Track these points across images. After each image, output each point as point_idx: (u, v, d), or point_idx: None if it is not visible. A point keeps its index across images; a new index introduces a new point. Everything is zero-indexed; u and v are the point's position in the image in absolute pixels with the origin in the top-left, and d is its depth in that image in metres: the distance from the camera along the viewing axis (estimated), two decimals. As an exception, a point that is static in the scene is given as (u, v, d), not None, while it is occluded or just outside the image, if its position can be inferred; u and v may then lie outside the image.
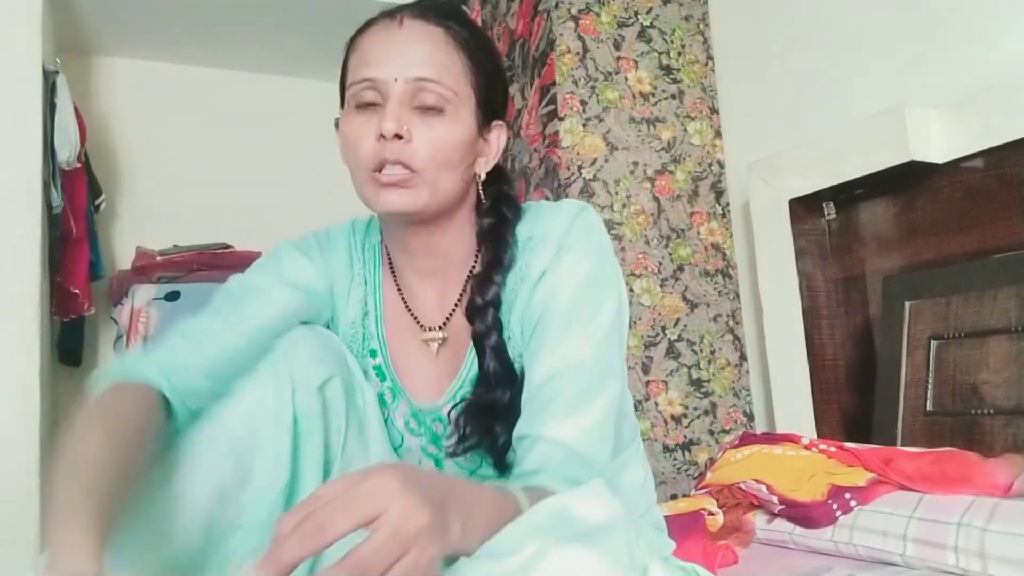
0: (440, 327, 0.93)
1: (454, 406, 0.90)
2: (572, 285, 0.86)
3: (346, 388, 0.90)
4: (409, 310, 0.94)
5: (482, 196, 0.91)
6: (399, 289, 0.95)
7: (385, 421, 0.95)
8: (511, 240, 0.89)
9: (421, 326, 0.93)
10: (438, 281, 0.93)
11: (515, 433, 0.83)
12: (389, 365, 0.94)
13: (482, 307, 0.87)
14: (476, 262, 0.93)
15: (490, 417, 0.86)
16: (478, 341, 0.87)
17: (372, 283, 0.97)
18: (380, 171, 0.84)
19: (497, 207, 0.91)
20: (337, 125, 0.90)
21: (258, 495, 0.78)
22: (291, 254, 0.96)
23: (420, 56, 0.84)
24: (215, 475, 0.76)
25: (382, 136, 0.82)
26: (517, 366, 0.88)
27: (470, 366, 0.90)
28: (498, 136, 0.92)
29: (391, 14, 0.87)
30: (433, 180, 0.84)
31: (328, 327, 0.96)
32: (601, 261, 0.89)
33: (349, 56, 0.90)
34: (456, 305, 0.92)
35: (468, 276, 0.93)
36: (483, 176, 0.91)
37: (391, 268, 0.96)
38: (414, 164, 0.83)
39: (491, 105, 0.90)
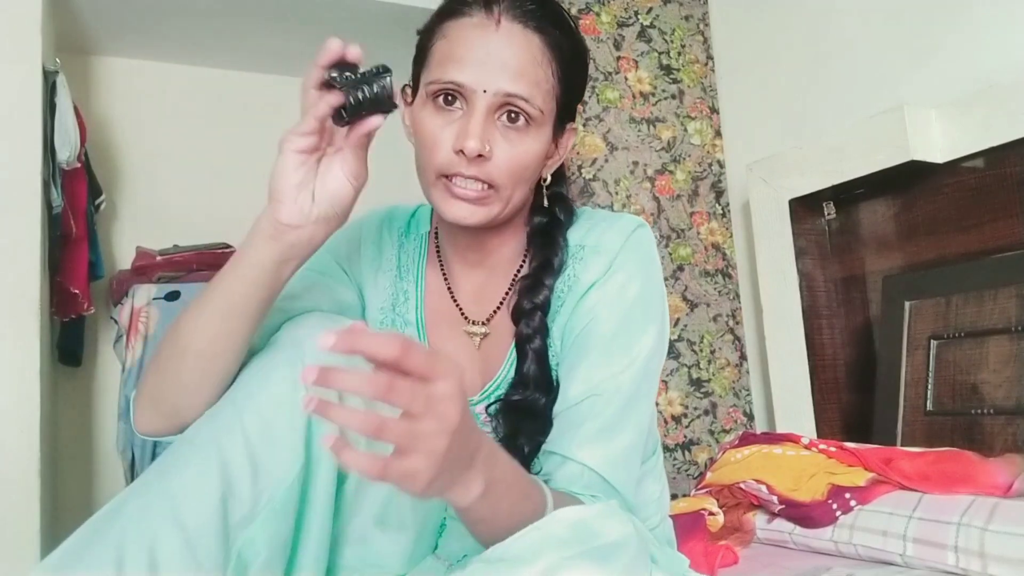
0: (484, 322, 0.91)
1: (489, 405, 0.89)
2: (619, 306, 0.84)
3: None
4: (455, 300, 0.93)
5: (542, 197, 0.90)
6: (446, 278, 0.94)
7: None
8: (562, 244, 0.88)
9: (465, 318, 0.92)
10: (484, 275, 0.92)
11: (545, 446, 0.82)
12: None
13: (530, 310, 0.86)
14: (524, 262, 0.92)
15: (523, 421, 0.85)
16: (521, 344, 0.86)
17: (414, 271, 0.96)
18: (451, 178, 0.81)
19: (551, 208, 0.90)
20: (406, 97, 0.87)
21: (274, 484, 0.76)
22: (323, 256, 0.93)
23: (513, 69, 0.80)
24: (228, 466, 0.74)
25: (466, 156, 0.79)
26: (555, 374, 0.87)
27: (509, 367, 0.89)
28: (568, 138, 0.90)
29: (489, 6, 0.81)
30: (508, 196, 0.83)
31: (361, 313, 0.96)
32: (651, 285, 0.87)
33: (434, 39, 0.84)
34: (501, 303, 0.91)
35: (515, 276, 0.91)
36: (548, 178, 0.89)
37: (439, 258, 0.95)
38: (493, 181, 0.81)
39: (569, 111, 0.88)
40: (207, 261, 2.60)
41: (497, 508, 0.67)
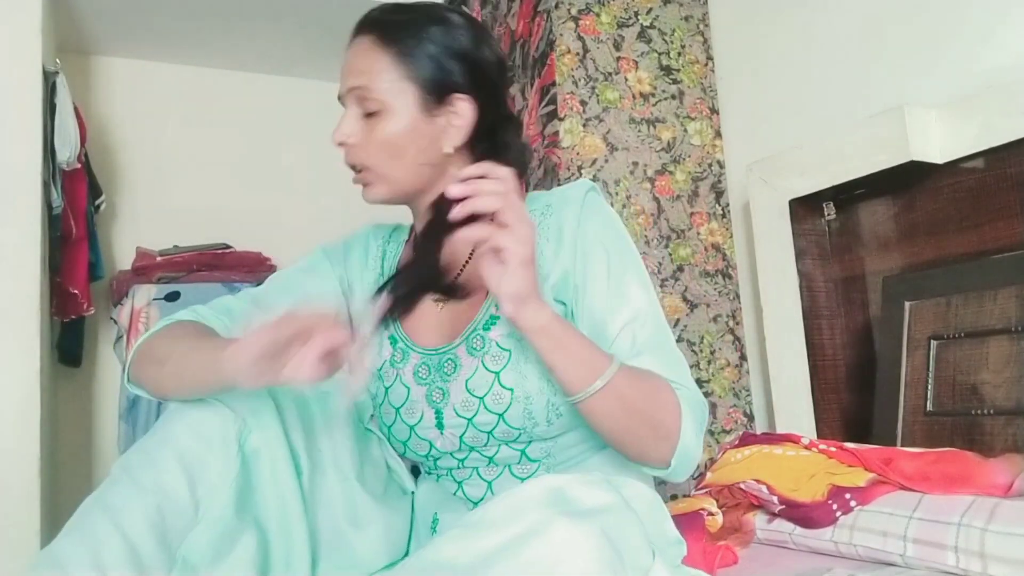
0: (451, 283, 1.02)
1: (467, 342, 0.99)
2: (612, 241, 0.98)
3: (295, 393, 0.97)
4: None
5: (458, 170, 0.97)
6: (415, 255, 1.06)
7: (393, 383, 1.03)
8: None
9: None
10: (446, 250, 1.00)
11: None
12: (399, 329, 1.05)
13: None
14: None
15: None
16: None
17: (390, 268, 1.10)
18: (352, 172, 1.00)
19: None
20: None
21: (212, 490, 0.84)
22: (317, 255, 1.12)
23: (356, 66, 0.97)
24: (163, 478, 0.82)
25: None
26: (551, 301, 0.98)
27: (486, 310, 0.99)
28: (464, 109, 0.98)
29: (352, 35, 1.00)
30: (384, 173, 0.97)
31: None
32: (617, 219, 1.03)
33: None
34: (465, 264, 1.02)
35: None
36: (450, 150, 0.98)
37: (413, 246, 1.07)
38: (363, 163, 0.98)
39: (442, 84, 0.97)
40: (207, 261, 2.61)
41: (570, 333, 0.85)
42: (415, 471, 1.13)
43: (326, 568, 0.92)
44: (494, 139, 1.00)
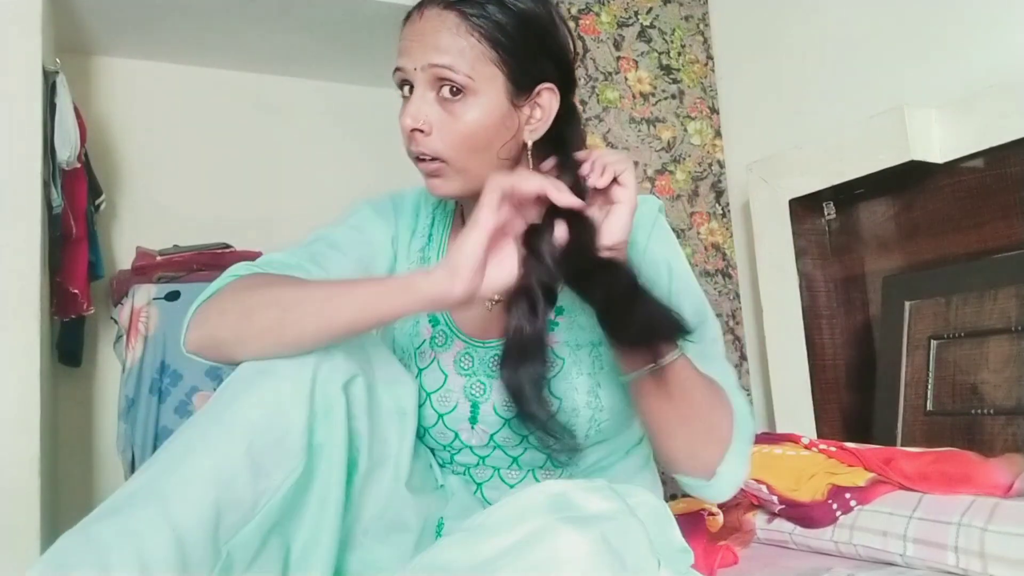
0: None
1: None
2: (682, 264, 0.99)
3: (369, 389, 0.88)
4: None
5: (530, 164, 0.92)
6: None
7: (428, 365, 0.97)
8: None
9: None
10: None
11: None
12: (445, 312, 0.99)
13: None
14: None
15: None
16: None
17: (437, 239, 1.03)
18: (417, 159, 0.90)
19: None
20: None
21: (273, 487, 0.76)
22: (366, 211, 1.03)
23: (433, 44, 0.87)
24: (227, 468, 0.74)
25: (409, 131, 0.88)
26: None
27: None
28: (549, 100, 0.91)
29: (419, 5, 0.91)
30: (463, 167, 0.89)
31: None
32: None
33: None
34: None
35: None
36: (530, 143, 0.91)
37: (464, 222, 1.00)
38: (440, 154, 0.88)
39: (528, 73, 0.89)
40: (207, 261, 2.60)
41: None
42: None
43: (350, 568, 0.87)
44: (560, 130, 0.94)
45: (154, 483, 0.73)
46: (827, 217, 1.98)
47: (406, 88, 0.90)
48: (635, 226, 0.91)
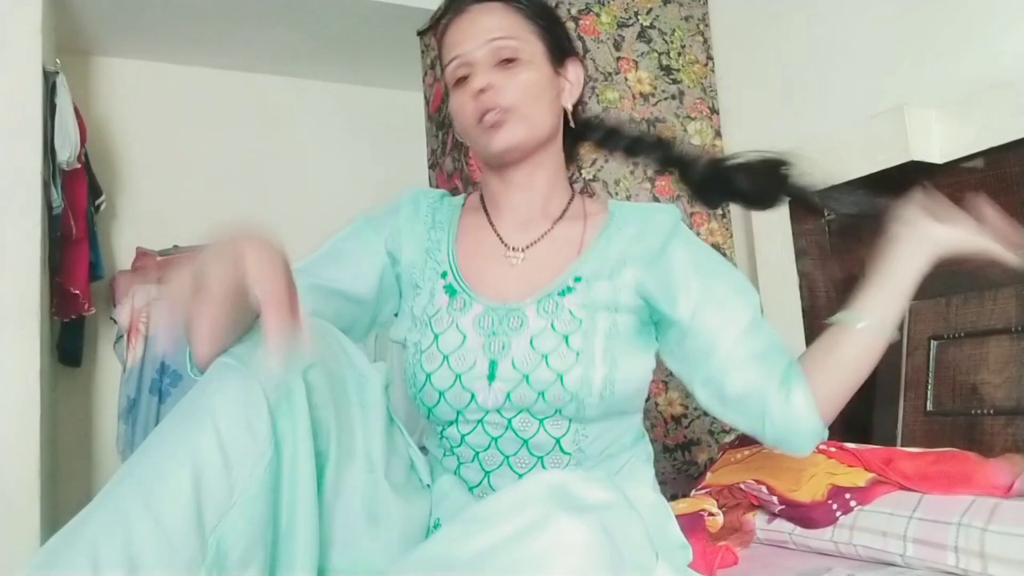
0: (523, 249, 1.07)
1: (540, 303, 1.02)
2: (715, 255, 1.14)
3: (329, 377, 0.89)
4: (496, 232, 1.09)
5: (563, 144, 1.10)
6: (488, 214, 1.11)
7: (446, 329, 1.03)
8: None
9: (506, 245, 1.08)
10: (526, 213, 1.09)
11: (747, 386, 1.04)
12: (460, 279, 1.06)
13: None
14: (569, 206, 1.11)
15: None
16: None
17: (446, 223, 1.12)
18: (481, 119, 1.01)
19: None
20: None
21: (247, 473, 0.77)
22: (358, 223, 1.12)
23: (490, 24, 1.02)
24: (199, 456, 0.75)
25: (477, 93, 1.00)
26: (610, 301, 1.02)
27: (565, 279, 1.03)
28: (575, 71, 1.09)
29: (457, 10, 1.05)
30: (526, 113, 1.01)
31: (396, 276, 1.11)
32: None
33: (440, 52, 1.08)
34: (544, 234, 1.08)
35: (559, 216, 1.09)
36: (570, 106, 1.08)
37: (484, 207, 1.12)
38: (507, 103, 1.00)
39: (559, 47, 1.07)
40: (207, 261, 2.60)
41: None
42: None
43: (336, 565, 0.88)
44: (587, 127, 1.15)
45: (134, 476, 0.75)
46: (827, 217, 1.98)
47: (461, 70, 1.03)
48: (651, 233, 1.05)
